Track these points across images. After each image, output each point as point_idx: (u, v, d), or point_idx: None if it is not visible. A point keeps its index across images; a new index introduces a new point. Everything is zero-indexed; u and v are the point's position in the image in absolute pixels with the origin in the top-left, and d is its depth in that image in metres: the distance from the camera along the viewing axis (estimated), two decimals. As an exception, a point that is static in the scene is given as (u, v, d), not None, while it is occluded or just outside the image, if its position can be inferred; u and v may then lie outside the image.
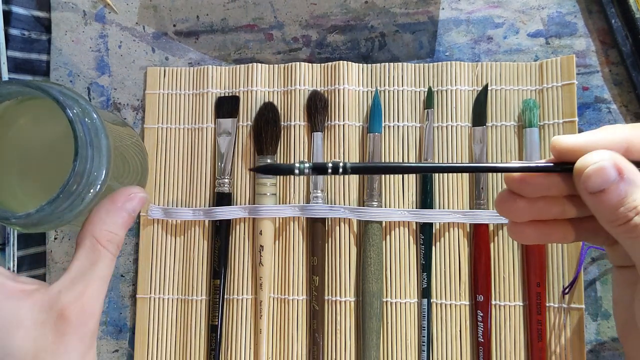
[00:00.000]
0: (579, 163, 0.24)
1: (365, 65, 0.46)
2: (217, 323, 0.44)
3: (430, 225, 0.44)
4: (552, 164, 0.25)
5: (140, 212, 0.46)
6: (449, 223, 0.44)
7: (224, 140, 0.46)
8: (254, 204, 0.45)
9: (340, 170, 0.24)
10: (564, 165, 0.25)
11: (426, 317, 0.43)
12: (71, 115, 0.32)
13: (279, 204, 0.45)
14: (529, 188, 0.26)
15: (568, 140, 0.25)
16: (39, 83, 0.33)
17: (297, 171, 0.24)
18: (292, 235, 0.45)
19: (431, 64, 0.46)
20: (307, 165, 0.24)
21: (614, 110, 0.45)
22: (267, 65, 0.47)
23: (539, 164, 0.25)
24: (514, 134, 0.45)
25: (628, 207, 0.23)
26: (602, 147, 0.24)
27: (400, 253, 0.44)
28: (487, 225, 0.43)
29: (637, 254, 0.24)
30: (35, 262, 0.46)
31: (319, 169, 0.24)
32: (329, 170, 0.24)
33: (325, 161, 0.25)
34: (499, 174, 0.44)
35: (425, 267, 0.43)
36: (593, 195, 0.24)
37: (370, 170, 0.25)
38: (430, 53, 0.47)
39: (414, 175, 0.45)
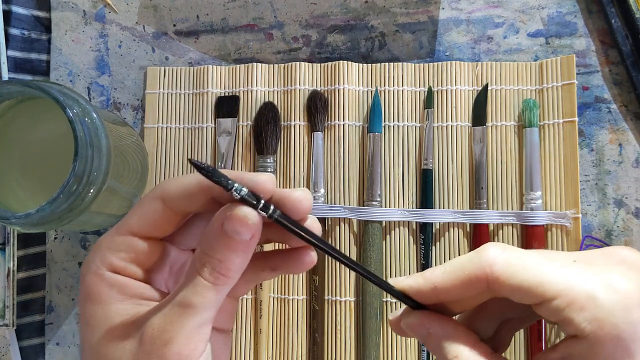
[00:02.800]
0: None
1: (365, 65, 0.46)
2: (217, 323, 0.44)
3: (430, 225, 0.44)
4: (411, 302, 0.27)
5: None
6: (449, 223, 0.44)
7: (224, 140, 0.46)
8: (254, 203, 0.45)
9: (268, 213, 0.23)
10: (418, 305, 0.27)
11: (426, 317, 0.43)
12: (71, 115, 0.32)
13: (279, 203, 0.45)
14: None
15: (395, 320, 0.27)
16: (39, 83, 0.33)
17: (233, 193, 0.23)
18: (292, 235, 0.45)
19: (431, 64, 0.46)
20: (243, 190, 0.23)
21: (614, 110, 0.45)
22: (267, 65, 0.47)
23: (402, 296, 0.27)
24: (514, 133, 0.45)
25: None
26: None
27: (400, 253, 0.44)
28: (487, 225, 0.43)
29: None
30: (35, 262, 0.46)
31: (249, 202, 0.23)
32: (258, 207, 0.23)
33: (259, 199, 0.23)
34: (500, 173, 0.44)
35: (425, 267, 0.43)
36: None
37: (292, 229, 0.24)
38: (430, 53, 0.47)
39: (414, 175, 0.45)
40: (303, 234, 0.24)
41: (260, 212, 0.23)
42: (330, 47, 0.47)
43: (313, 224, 0.25)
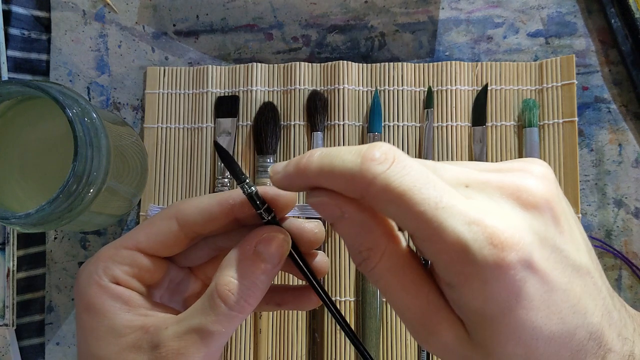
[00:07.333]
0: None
1: (365, 65, 0.46)
2: (217, 323, 0.44)
3: (430, 225, 0.44)
4: None
5: (140, 212, 0.46)
6: (448, 223, 0.44)
7: (224, 140, 0.46)
8: (253, 203, 0.45)
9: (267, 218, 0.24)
10: None
11: (426, 317, 0.43)
12: (71, 115, 0.32)
13: (279, 203, 0.45)
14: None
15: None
16: (38, 83, 0.33)
17: (245, 187, 0.23)
18: (292, 235, 0.45)
19: (431, 64, 0.46)
20: (252, 188, 0.24)
21: (613, 110, 0.45)
22: (267, 65, 0.47)
23: None
24: (514, 133, 0.45)
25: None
26: None
27: (400, 253, 0.44)
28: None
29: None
30: (35, 262, 0.46)
31: (254, 202, 0.24)
32: (259, 208, 0.24)
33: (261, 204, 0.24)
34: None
35: (425, 265, 0.43)
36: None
37: (300, 266, 0.25)
38: (430, 53, 0.47)
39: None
40: (308, 273, 0.24)
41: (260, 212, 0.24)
42: (330, 47, 0.47)
43: (322, 259, 0.25)
